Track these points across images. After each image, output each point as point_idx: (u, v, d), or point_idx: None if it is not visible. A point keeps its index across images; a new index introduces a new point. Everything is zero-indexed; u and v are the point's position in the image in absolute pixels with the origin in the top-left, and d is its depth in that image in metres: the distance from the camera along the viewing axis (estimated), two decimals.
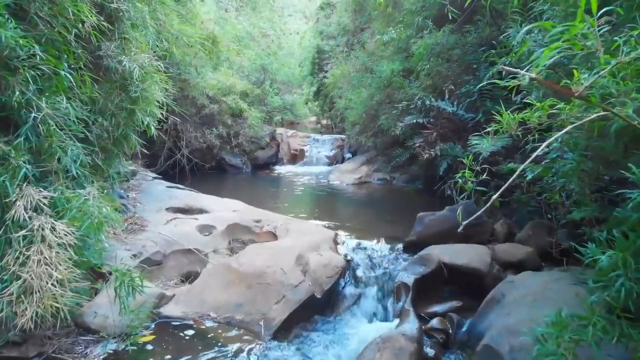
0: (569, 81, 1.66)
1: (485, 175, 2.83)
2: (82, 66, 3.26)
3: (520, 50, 3.00)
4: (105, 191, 3.97)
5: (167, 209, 4.78)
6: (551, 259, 3.85)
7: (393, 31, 7.18)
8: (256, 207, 5.34)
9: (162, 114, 4.75)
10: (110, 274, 3.04)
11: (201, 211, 4.85)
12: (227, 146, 9.10)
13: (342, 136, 11.37)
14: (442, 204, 5.32)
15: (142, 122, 3.90)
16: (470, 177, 2.48)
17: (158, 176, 6.05)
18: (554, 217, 4.19)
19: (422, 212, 4.20)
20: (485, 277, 3.58)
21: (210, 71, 8.97)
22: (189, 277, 3.96)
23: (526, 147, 2.98)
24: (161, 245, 4.05)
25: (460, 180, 3.26)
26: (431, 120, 5.84)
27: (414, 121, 5.94)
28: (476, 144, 4.53)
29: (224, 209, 4.90)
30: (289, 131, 11.85)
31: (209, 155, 9.08)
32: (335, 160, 10.64)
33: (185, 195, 5.22)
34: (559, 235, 4.01)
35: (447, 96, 5.49)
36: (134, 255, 3.87)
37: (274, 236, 4.40)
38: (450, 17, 5.11)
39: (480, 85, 4.39)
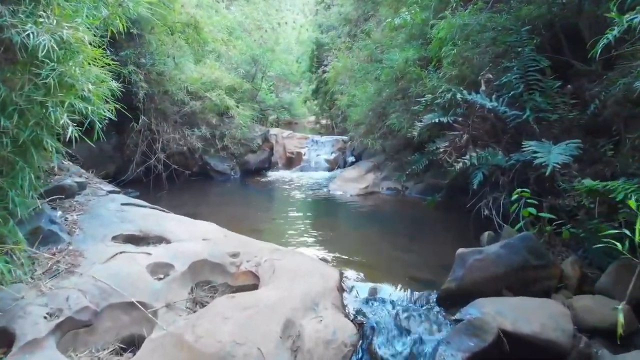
0: None
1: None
2: None
3: None
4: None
5: (114, 237, 3.55)
6: None
7: (407, 13, 5.97)
8: (236, 231, 4.14)
9: (120, 110, 3.57)
10: None
11: (160, 240, 3.63)
12: (212, 149, 7.87)
13: (344, 137, 10.17)
14: (477, 228, 4.13)
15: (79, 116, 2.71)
16: None
17: (115, 189, 4.82)
18: None
19: (463, 249, 2.98)
20: (567, 354, 2.38)
21: (191, 62, 7.74)
22: (132, 344, 2.76)
23: None
24: (93, 297, 2.83)
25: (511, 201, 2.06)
26: (459, 119, 4.63)
27: (436, 120, 4.72)
28: (537, 153, 3.33)
29: (191, 237, 3.68)
30: (285, 132, 10.65)
31: (191, 160, 7.87)
32: (337, 164, 9.44)
33: (143, 217, 3.99)
34: None
35: (483, 88, 4.28)
36: (50, 315, 2.67)
37: (255, 278, 3.19)
38: None
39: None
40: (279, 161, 9.77)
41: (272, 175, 8.71)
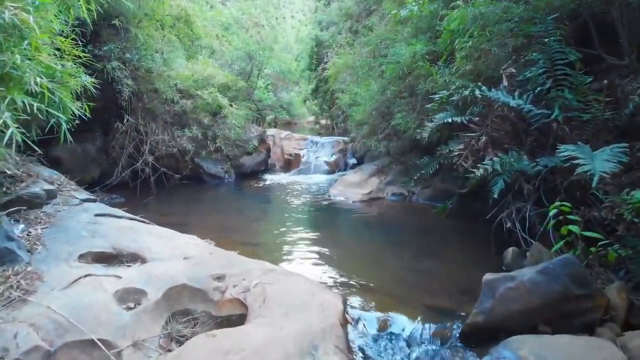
0: None
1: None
2: None
3: None
4: None
5: (81, 256, 3.07)
6: None
7: (414, 3, 5.49)
8: (226, 244, 3.67)
9: (105, 109, 3.10)
10: None
11: (135, 258, 3.14)
12: (204, 151, 7.38)
13: (345, 138, 9.68)
14: (499, 243, 3.65)
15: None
16: None
17: (90, 197, 4.32)
18: None
19: (490, 274, 2.49)
20: None
21: (182, 58, 7.25)
22: None
23: None
24: (47, 333, 2.34)
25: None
26: (475, 118, 4.14)
27: (449, 120, 4.24)
28: (577, 160, 2.84)
29: (171, 254, 3.20)
30: (282, 132, 10.16)
31: (182, 163, 7.37)
32: (337, 167, 8.95)
33: (118, 230, 3.50)
34: None
35: (504, 83, 3.79)
36: None
37: (242, 306, 2.70)
38: None
39: None
40: (277, 163, 9.29)
41: (269, 178, 8.22)
